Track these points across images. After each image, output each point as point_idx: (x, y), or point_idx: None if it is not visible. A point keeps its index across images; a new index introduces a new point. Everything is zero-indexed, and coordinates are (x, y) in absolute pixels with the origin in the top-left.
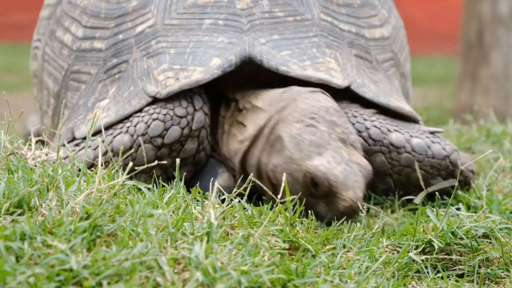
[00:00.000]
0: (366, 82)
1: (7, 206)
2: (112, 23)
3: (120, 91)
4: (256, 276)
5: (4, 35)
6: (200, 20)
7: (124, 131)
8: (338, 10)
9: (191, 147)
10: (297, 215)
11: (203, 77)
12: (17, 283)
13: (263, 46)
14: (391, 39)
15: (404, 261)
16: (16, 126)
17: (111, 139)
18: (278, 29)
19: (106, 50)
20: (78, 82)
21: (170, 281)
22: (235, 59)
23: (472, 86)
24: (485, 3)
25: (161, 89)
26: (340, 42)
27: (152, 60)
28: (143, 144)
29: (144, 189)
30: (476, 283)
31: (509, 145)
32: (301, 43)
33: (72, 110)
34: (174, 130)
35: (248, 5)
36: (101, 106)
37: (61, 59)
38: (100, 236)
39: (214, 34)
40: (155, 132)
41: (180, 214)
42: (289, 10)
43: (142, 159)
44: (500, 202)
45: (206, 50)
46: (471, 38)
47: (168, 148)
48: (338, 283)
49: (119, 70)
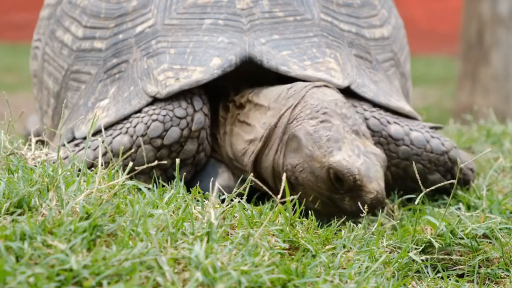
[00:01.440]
0: (366, 82)
1: (7, 206)
2: (112, 23)
3: (120, 91)
4: (256, 276)
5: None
6: (200, 20)
7: (124, 132)
8: (338, 10)
9: (191, 148)
10: (297, 215)
11: (203, 77)
12: (17, 283)
13: (263, 46)
14: (391, 39)
15: (404, 261)
16: (16, 126)
17: (110, 139)
18: (278, 29)
19: (106, 50)
20: (78, 82)
21: (170, 281)
22: (235, 59)
23: (472, 86)
24: (485, 3)
25: (161, 89)
26: (340, 42)
27: (152, 60)
28: (143, 145)
29: (144, 189)
30: (476, 283)
31: (509, 145)
32: (301, 43)
33: (72, 110)
34: (174, 131)
35: (248, 5)
36: (101, 106)
37: (61, 59)
38: (100, 236)
39: (214, 34)
40: (154, 133)
41: (180, 214)
42: (289, 10)
43: (142, 160)
44: (500, 202)
45: (206, 50)
46: (471, 38)
47: (167, 149)
48: (338, 283)
49: (119, 70)
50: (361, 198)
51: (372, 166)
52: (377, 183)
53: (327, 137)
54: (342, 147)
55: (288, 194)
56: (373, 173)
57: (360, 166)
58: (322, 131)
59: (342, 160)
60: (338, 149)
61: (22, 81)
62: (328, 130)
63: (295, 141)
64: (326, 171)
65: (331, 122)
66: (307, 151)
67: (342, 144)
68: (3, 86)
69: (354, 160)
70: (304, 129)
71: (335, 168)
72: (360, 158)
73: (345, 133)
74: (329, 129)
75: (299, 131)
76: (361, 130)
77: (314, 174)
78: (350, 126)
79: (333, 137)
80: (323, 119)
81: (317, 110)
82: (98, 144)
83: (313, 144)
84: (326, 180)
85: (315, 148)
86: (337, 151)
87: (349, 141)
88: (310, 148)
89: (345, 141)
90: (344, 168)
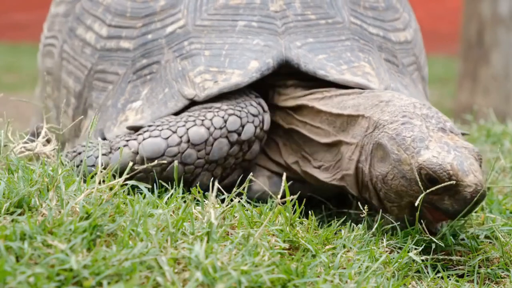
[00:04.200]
0: (399, 87)
1: (7, 206)
2: (139, 23)
3: (154, 93)
4: (256, 276)
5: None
6: (233, 21)
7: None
8: (365, 13)
9: (257, 149)
10: (297, 215)
11: (242, 80)
12: (17, 283)
13: (299, 49)
14: (413, 43)
15: (404, 261)
16: (16, 126)
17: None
18: (311, 32)
19: (135, 50)
20: (104, 82)
21: (170, 281)
22: (272, 62)
23: (472, 86)
24: (485, 3)
25: (199, 92)
26: (371, 46)
27: (186, 61)
28: (219, 137)
29: (144, 189)
30: (476, 283)
31: (509, 145)
32: (335, 46)
33: (99, 110)
34: (250, 127)
35: (281, 7)
36: (133, 107)
37: (83, 57)
38: (100, 236)
39: (249, 36)
40: (233, 126)
41: (180, 214)
42: (321, 13)
43: (190, 160)
44: (500, 202)
45: (242, 53)
46: (471, 38)
47: (239, 146)
48: (338, 283)
49: (150, 71)
50: (460, 195)
51: (465, 160)
52: (474, 176)
53: (411, 138)
54: (430, 146)
55: (288, 194)
56: (467, 166)
57: (451, 161)
58: (405, 133)
59: (432, 157)
60: (425, 148)
61: (22, 81)
62: (410, 131)
63: (380, 149)
64: (417, 172)
65: (412, 123)
66: (394, 156)
67: (429, 143)
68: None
69: (444, 156)
70: (387, 135)
71: (426, 167)
72: (451, 153)
73: (430, 132)
74: (412, 130)
75: (382, 138)
76: (447, 127)
77: (406, 178)
78: (434, 125)
79: (417, 136)
80: (403, 121)
81: (396, 114)
82: (169, 133)
83: (398, 147)
84: (420, 181)
85: (401, 151)
86: (424, 150)
87: (436, 139)
88: (396, 152)
89: (431, 139)
90: (435, 165)
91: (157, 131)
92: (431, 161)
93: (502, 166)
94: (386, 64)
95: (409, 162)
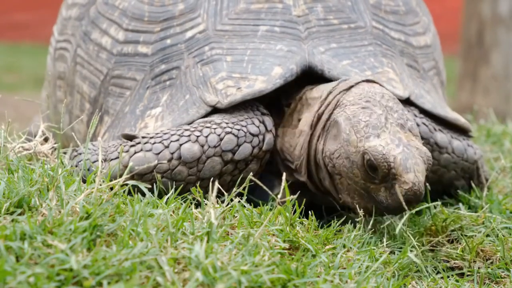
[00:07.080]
0: (422, 93)
1: (7, 205)
2: (157, 27)
3: (174, 99)
4: (256, 276)
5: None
6: (254, 26)
7: (193, 140)
8: (387, 18)
9: (254, 168)
10: (297, 215)
11: (265, 86)
12: (17, 282)
13: (322, 55)
14: (432, 47)
15: (404, 261)
16: (16, 126)
17: (177, 145)
18: (334, 37)
19: (153, 55)
20: (121, 87)
21: (170, 281)
22: (296, 68)
23: (472, 86)
24: (485, 3)
25: (222, 99)
26: (393, 51)
27: (207, 67)
28: (213, 156)
29: (144, 189)
30: (476, 283)
31: (509, 145)
32: (358, 51)
33: (116, 117)
34: (246, 147)
35: (304, 11)
36: (153, 114)
37: (99, 62)
38: (100, 235)
39: (272, 41)
40: (228, 146)
41: (180, 214)
42: (343, 18)
43: (180, 177)
44: (500, 202)
45: (265, 58)
46: (471, 38)
47: (234, 165)
48: (338, 283)
49: (169, 77)
50: (395, 189)
51: (411, 158)
52: (415, 175)
53: (366, 123)
54: (381, 135)
55: (288, 194)
56: (411, 164)
57: (397, 154)
58: (362, 116)
59: (378, 146)
60: (375, 135)
61: (22, 81)
62: (368, 116)
63: (335, 126)
64: (361, 156)
65: (372, 110)
66: (344, 135)
67: (382, 132)
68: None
69: (391, 148)
70: (344, 114)
71: (369, 152)
72: (399, 148)
73: (387, 124)
74: (369, 115)
75: (340, 116)
76: (407, 125)
77: (350, 159)
78: (395, 119)
79: (372, 123)
80: (364, 105)
81: (360, 98)
82: (161, 148)
83: (351, 128)
84: (361, 166)
85: (352, 132)
86: (374, 138)
87: (391, 131)
88: (347, 132)
89: (386, 130)
90: (378, 154)
91: (149, 144)
92: (377, 149)
93: (502, 166)
94: (408, 70)
95: (355, 145)
